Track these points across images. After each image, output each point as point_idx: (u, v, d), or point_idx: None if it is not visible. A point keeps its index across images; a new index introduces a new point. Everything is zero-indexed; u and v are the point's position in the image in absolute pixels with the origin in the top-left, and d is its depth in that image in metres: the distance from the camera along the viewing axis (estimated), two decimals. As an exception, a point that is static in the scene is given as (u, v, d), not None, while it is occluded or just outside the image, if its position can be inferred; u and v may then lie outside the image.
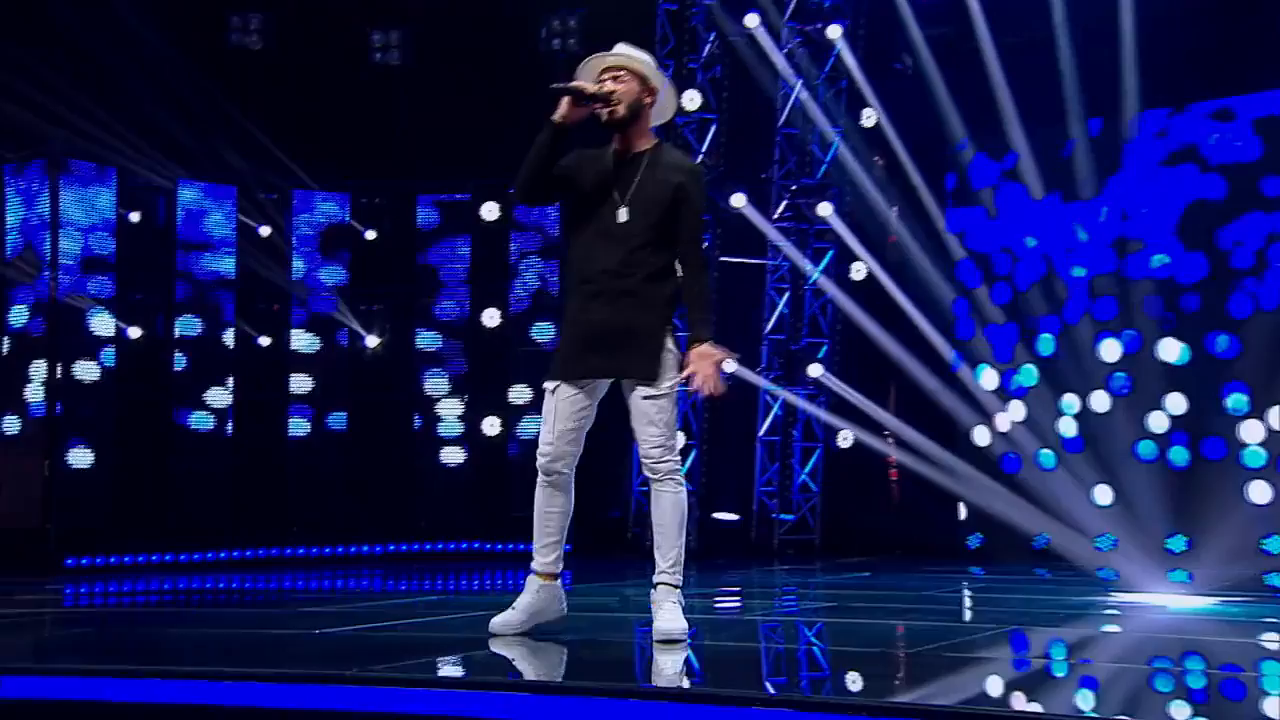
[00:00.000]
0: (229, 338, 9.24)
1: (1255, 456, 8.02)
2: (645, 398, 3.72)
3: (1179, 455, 8.31)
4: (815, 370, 9.59)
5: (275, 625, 5.01)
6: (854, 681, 3.34)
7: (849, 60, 9.52)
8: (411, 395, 9.65)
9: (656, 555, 3.77)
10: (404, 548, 9.49)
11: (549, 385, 3.83)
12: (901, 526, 9.75)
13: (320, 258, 9.63)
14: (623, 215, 3.69)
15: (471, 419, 9.56)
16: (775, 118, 9.73)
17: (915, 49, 9.48)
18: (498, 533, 9.39)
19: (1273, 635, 4.65)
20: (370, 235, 9.70)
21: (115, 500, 8.61)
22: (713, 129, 9.52)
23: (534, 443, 9.47)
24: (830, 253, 9.80)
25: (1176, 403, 8.36)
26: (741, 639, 4.62)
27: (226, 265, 9.28)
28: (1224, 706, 3.01)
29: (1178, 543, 8.03)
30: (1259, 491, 7.95)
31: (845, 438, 9.73)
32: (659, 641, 3.63)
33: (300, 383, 9.50)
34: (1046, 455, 8.86)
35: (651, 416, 3.72)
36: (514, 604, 3.85)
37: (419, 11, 9.75)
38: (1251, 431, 8.04)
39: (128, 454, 8.69)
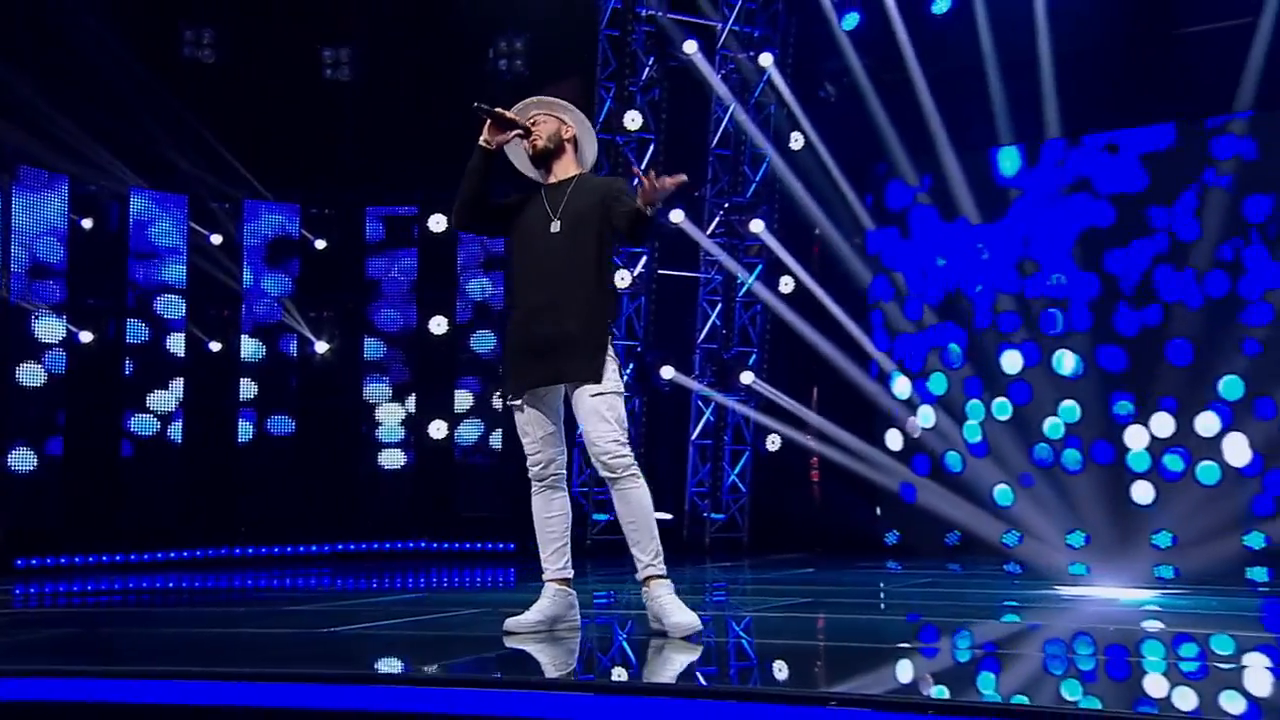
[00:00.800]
0: (179, 343, 9.29)
1: (1140, 460, 8.74)
2: (593, 395, 3.75)
3: (1071, 458, 8.99)
4: (747, 377, 10.04)
5: (276, 624, 4.93)
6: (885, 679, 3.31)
7: (781, 86, 9.99)
8: (358, 400, 9.82)
9: (635, 551, 3.76)
10: (350, 547, 9.66)
11: (514, 402, 3.91)
12: (823, 524, 10.24)
13: (270, 266, 9.74)
14: (555, 226, 3.81)
15: (417, 423, 9.77)
16: (709, 139, 10.16)
17: (839, 78, 10.02)
18: (442, 532, 9.63)
19: (1154, 621, 5.11)
20: (320, 245, 9.83)
21: (65, 502, 8.62)
22: (651, 148, 9.89)
23: (476, 446, 9.82)
24: (759, 266, 10.26)
25: (1070, 410, 9.04)
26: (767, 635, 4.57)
27: (177, 272, 9.33)
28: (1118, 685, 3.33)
29: (1076, 538, 8.69)
30: (1142, 492, 8.66)
31: (773, 441, 10.21)
32: (683, 637, 3.60)
33: (249, 387, 9.60)
34: (954, 457, 9.47)
35: (602, 413, 3.75)
36: (532, 607, 3.87)
37: (368, 30, 9.92)
38: (1136, 437, 8.75)
39: (78, 456, 8.69)
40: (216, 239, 9.43)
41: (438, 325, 9.74)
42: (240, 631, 4.72)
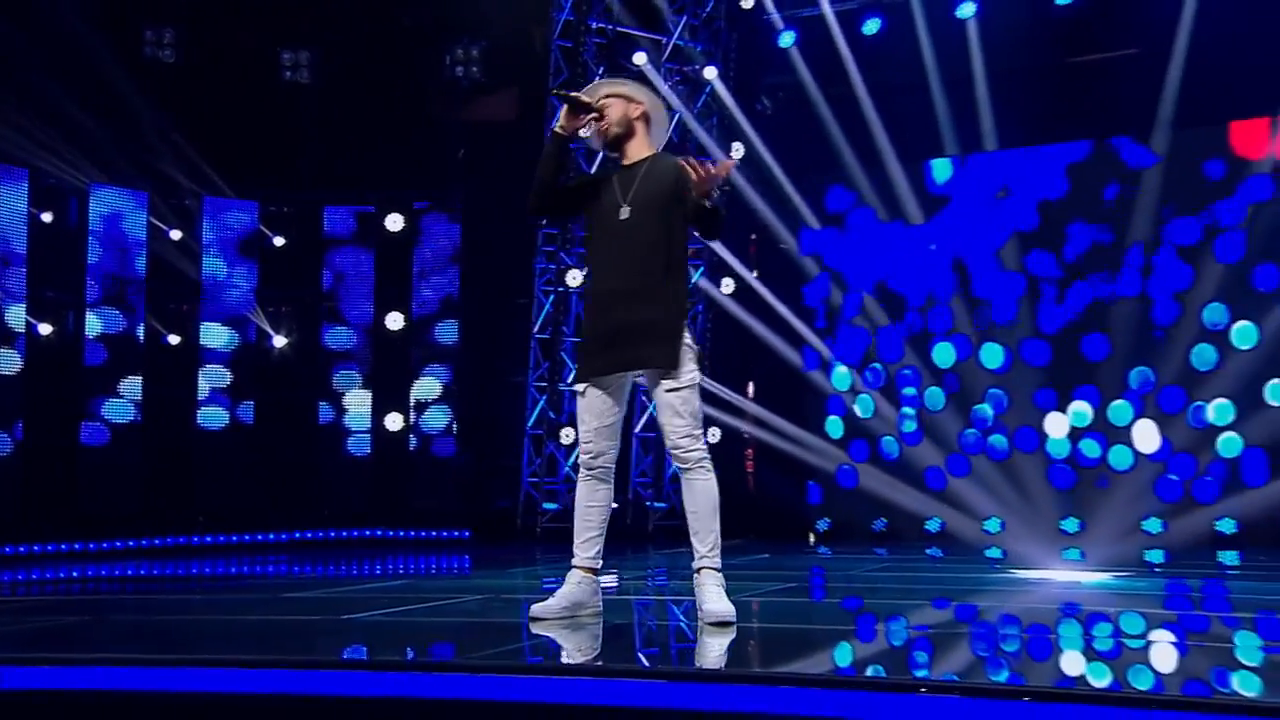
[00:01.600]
0: (139, 334, 9.30)
1: (1059, 446, 9.17)
2: (669, 390, 3.67)
3: (999, 443, 9.39)
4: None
5: (290, 611, 4.71)
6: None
7: (725, 97, 10.31)
8: (317, 392, 9.90)
9: (694, 541, 3.72)
10: (307, 535, 9.71)
11: (578, 387, 3.81)
12: (758, 511, 10.48)
13: (229, 261, 9.80)
14: (624, 213, 3.71)
15: (374, 416, 9.87)
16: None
17: (776, 92, 10.39)
18: (398, 521, 9.73)
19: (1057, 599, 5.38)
20: (279, 241, 9.91)
21: (25, 490, 8.58)
22: (600, 154, 10.14)
23: (434, 436, 9.94)
24: (701, 268, 10.55)
25: (997, 400, 9.45)
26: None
27: (137, 265, 9.36)
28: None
29: (993, 524, 9.07)
30: (1061, 477, 9.09)
31: (714, 433, 10.46)
32: (711, 624, 3.58)
33: (209, 378, 9.64)
34: (890, 442, 9.83)
35: (677, 408, 3.68)
36: (555, 592, 3.82)
37: (327, 34, 10.06)
38: (1056, 425, 9.18)
39: (38, 445, 8.66)
40: (176, 234, 9.48)
41: (394, 321, 9.87)
42: (264, 619, 4.52)
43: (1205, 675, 3.05)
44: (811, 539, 10.06)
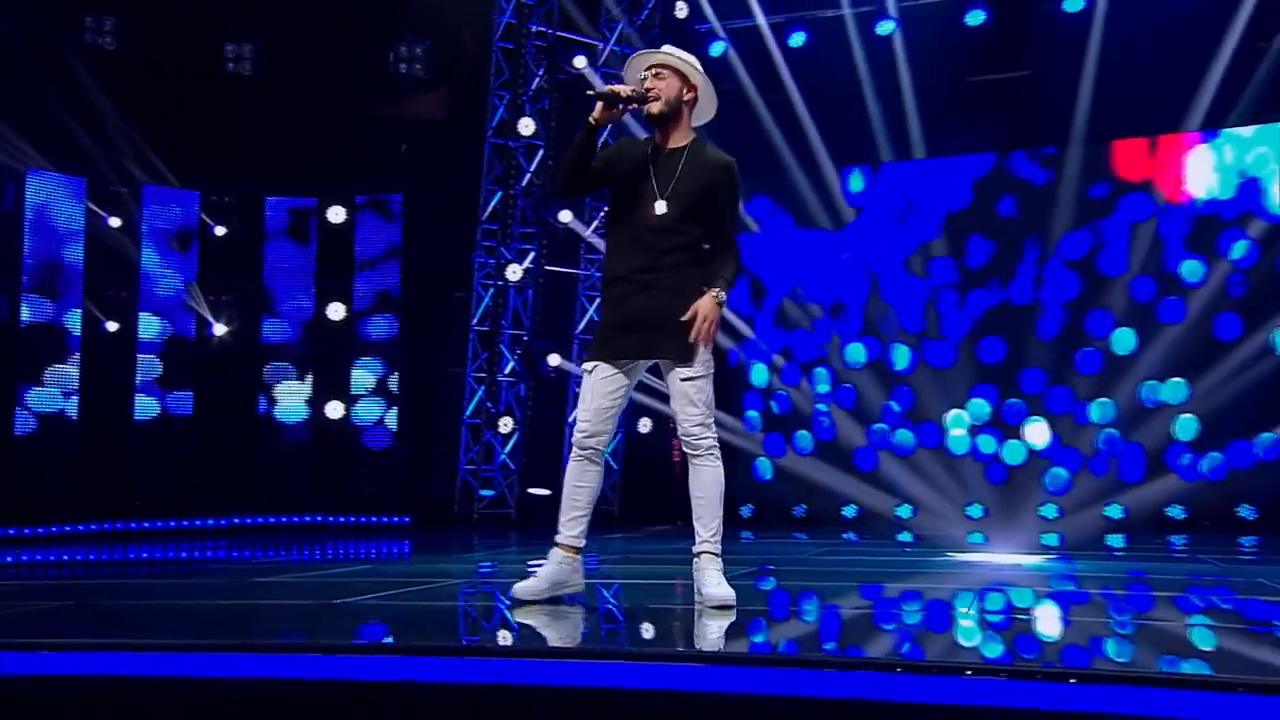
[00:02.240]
0: (76, 322, 9.19)
1: (959, 442, 9.85)
2: (684, 379, 3.65)
3: (905, 437, 10.03)
4: (623, 366, 10.65)
5: (271, 596, 4.59)
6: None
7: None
8: (256, 381, 9.93)
9: (698, 525, 3.71)
10: (246, 521, 9.76)
11: (587, 367, 3.75)
12: (684, 498, 10.92)
13: (168, 250, 9.72)
14: (660, 208, 3.61)
15: (315, 403, 9.96)
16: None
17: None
18: (337, 507, 9.87)
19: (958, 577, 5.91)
20: (220, 231, 9.87)
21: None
22: (540, 153, 10.37)
23: (373, 424, 10.05)
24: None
25: (904, 398, 10.08)
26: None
27: (74, 253, 9.23)
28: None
29: (904, 510, 9.72)
30: (965, 469, 9.79)
31: (644, 424, 10.87)
32: (712, 607, 3.58)
33: (147, 366, 9.58)
34: (804, 437, 10.38)
35: (692, 397, 3.65)
36: (537, 573, 3.76)
37: (271, 27, 10.00)
38: (956, 421, 9.86)
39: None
40: (115, 221, 9.37)
41: (335, 311, 9.95)
42: (255, 604, 4.35)
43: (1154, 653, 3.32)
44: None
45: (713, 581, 3.64)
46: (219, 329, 9.89)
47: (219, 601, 4.46)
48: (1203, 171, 9.49)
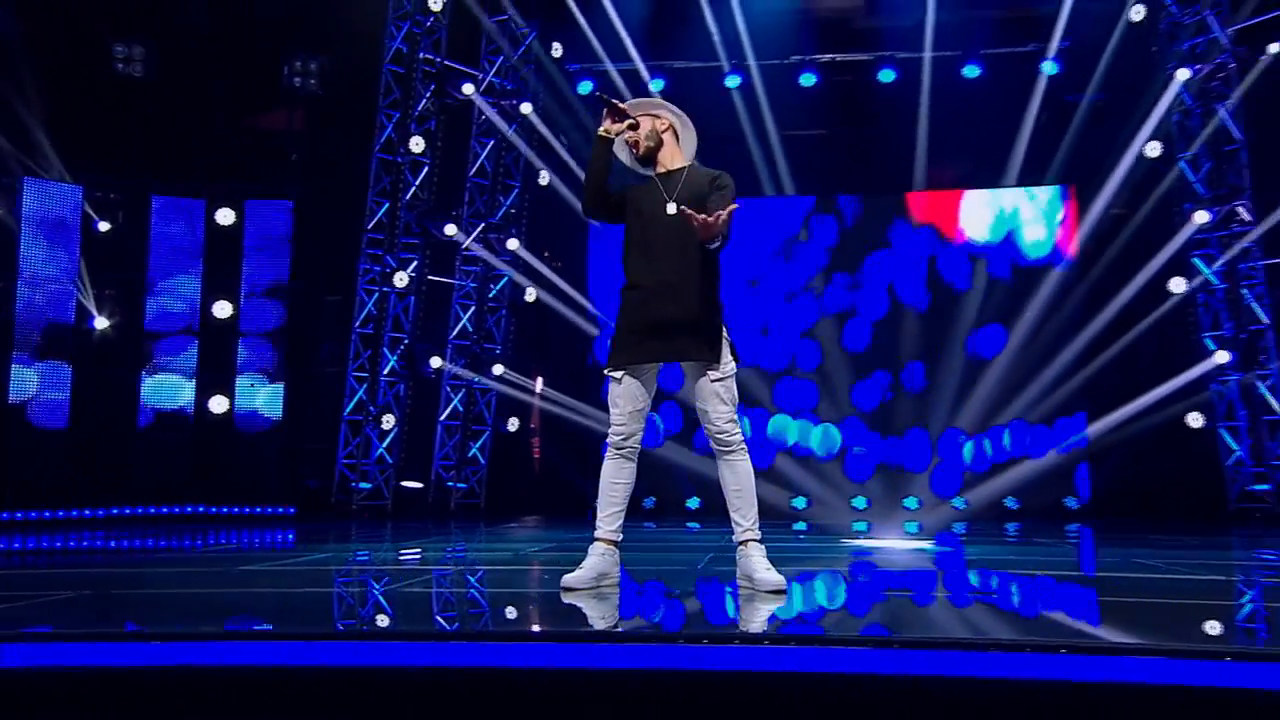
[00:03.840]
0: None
1: (783, 436, 10.97)
2: (714, 380, 3.72)
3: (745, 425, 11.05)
4: (498, 369, 11.12)
5: (266, 585, 4.25)
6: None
7: (540, 128, 11.23)
8: (137, 373, 9.70)
9: (736, 516, 3.77)
10: (125, 511, 9.50)
11: (616, 374, 3.79)
12: (545, 493, 11.45)
13: (50, 242, 9.38)
14: (671, 209, 3.76)
15: (198, 396, 9.83)
16: (470, 167, 11.17)
17: (569, 132, 11.45)
18: (219, 497, 9.77)
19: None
20: (103, 226, 9.62)
21: None
22: (425, 169, 10.71)
23: (255, 419, 10.01)
24: (505, 278, 11.40)
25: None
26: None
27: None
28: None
29: (799, 501, 10.72)
30: (783, 464, 10.90)
31: (512, 423, 11.34)
32: (768, 591, 3.61)
33: (25, 355, 9.18)
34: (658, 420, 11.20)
35: (721, 395, 3.72)
36: (582, 564, 3.80)
37: (164, 31, 9.88)
38: (781, 429, 10.98)
39: None
40: (-5, 211, 8.98)
41: (222, 309, 9.89)
42: (268, 592, 4.06)
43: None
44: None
45: (762, 568, 3.72)
46: (100, 321, 9.60)
47: (218, 590, 4.11)
48: (975, 218, 11.15)
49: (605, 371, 3.82)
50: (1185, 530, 8.05)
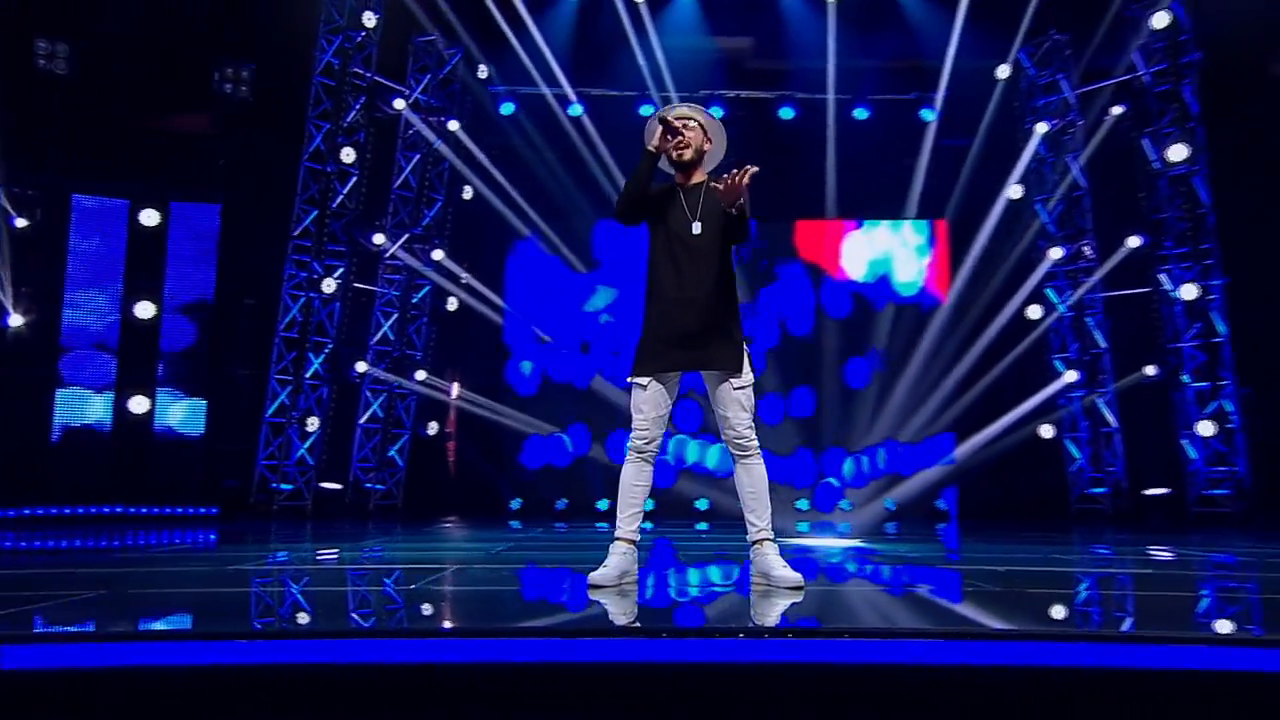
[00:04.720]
0: None
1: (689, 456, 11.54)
2: (737, 388, 3.82)
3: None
4: (421, 374, 11.23)
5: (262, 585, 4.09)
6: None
7: (468, 144, 11.41)
8: (55, 372, 9.38)
9: (751, 517, 3.87)
10: (39, 511, 9.17)
11: (641, 381, 3.84)
12: (463, 494, 11.62)
13: (-35, 237, 8.99)
14: (696, 228, 3.86)
15: (118, 397, 9.58)
16: (395, 179, 11.26)
17: (492, 149, 11.70)
18: (138, 498, 9.55)
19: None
20: (20, 223, 9.28)
21: None
22: (353, 178, 10.75)
23: (176, 420, 9.83)
24: (427, 287, 11.53)
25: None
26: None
27: None
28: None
29: (702, 503, 11.19)
30: (689, 476, 11.45)
31: (431, 426, 11.46)
32: (787, 588, 3.66)
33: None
34: (567, 440, 11.56)
35: (742, 403, 3.83)
36: (605, 563, 3.84)
37: (89, 29, 9.60)
38: (689, 450, 11.54)
39: None
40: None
41: (144, 310, 9.68)
42: (246, 591, 3.91)
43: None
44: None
45: (779, 565, 3.80)
46: (15, 319, 9.24)
47: (242, 589, 3.90)
48: (854, 254, 12.04)
49: (630, 380, 3.88)
50: (1036, 529, 8.96)
